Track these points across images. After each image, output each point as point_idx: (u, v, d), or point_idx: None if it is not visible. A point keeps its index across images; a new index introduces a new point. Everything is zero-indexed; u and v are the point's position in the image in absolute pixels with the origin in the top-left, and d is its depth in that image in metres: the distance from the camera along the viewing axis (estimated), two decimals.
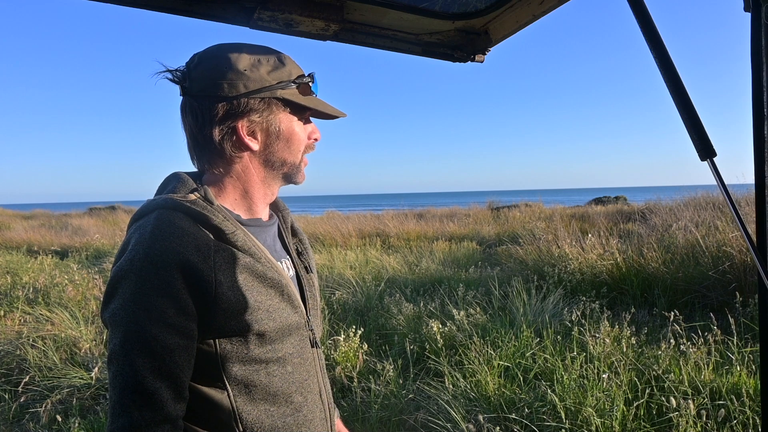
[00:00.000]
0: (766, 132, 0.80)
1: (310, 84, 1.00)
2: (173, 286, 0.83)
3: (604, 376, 3.11)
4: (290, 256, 1.11)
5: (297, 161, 1.03)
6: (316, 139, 1.06)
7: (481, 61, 1.41)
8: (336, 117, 1.06)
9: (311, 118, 1.06)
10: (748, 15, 0.81)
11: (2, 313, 5.81)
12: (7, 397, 3.88)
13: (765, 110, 0.79)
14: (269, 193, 1.05)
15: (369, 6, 1.16)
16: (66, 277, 7.06)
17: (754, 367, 3.32)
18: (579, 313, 4.36)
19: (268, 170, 1.01)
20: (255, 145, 0.97)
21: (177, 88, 0.98)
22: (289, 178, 1.05)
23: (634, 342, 3.83)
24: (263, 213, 1.06)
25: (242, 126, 0.95)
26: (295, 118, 1.01)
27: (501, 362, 3.62)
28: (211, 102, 0.93)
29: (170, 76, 0.96)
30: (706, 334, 3.72)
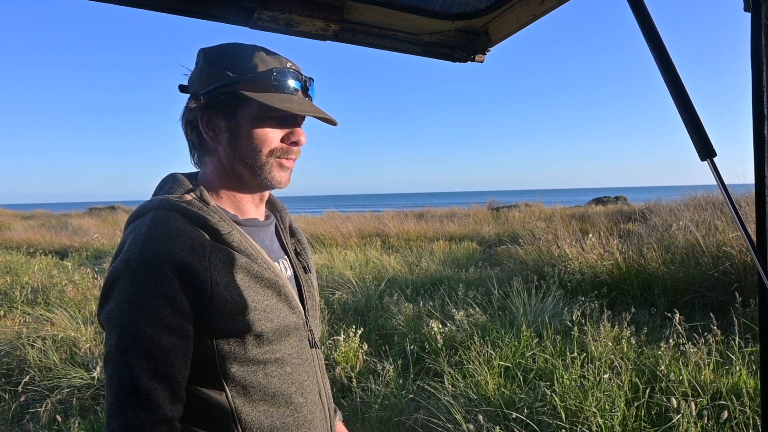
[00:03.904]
0: (766, 132, 0.80)
1: (271, 79, 0.93)
2: (168, 287, 0.83)
3: (605, 376, 3.11)
4: (288, 257, 1.11)
5: (258, 163, 0.96)
6: (295, 143, 0.99)
7: (481, 61, 1.41)
8: (287, 113, 0.95)
9: (303, 123, 1.01)
10: (748, 15, 0.81)
11: (2, 313, 5.80)
12: (7, 397, 3.88)
13: (765, 110, 0.79)
14: (252, 192, 1.03)
15: (369, 6, 1.16)
16: (65, 277, 7.06)
17: (754, 367, 3.32)
18: (579, 313, 4.36)
19: (241, 169, 0.98)
20: (216, 142, 0.98)
21: (175, 90, 1.00)
22: (257, 180, 0.98)
23: (635, 342, 3.83)
24: (257, 213, 1.06)
25: (203, 121, 0.96)
26: (260, 117, 0.94)
27: (501, 362, 3.62)
28: (189, 98, 0.98)
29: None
30: (706, 334, 3.71)
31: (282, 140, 0.98)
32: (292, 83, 0.95)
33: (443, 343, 4.19)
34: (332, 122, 0.98)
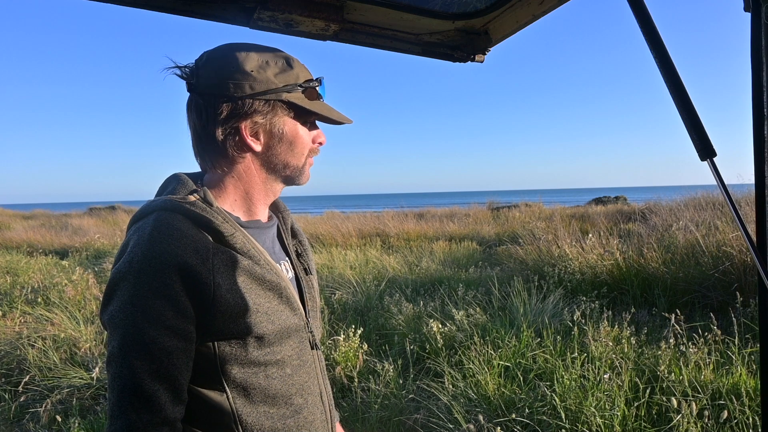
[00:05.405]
0: (766, 132, 0.80)
1: (317, 88, 1.00)
2: (171, 288, 0.83)
3: (605, 376, 3.11)
4: (289, 258, 1.11)
5: (300, 164, 1.03)
6: (320, 143, 1.06)
7: (481, 61, 1.41)
8: (341, 123, 1.05)
9: (317, 122, 1.06)
10: (748, 15, 0.81)
11: (2, 313, 5.81)
12: (7, 397, 3.88)
13: (765, 110, 0.79)
14: (270, 194, 1.05)
15: (369, 6, 1.16)
16: (65, 277, 7.06)
17: (754, 367, 3.32)
18: (579, 313, 4.36)
19: (269, 172, 1.01)
20: (257, 147, 0.97)
21: (181, 89, 0.98)
22: (291, 181, 1.05)
23: (635, 342, 3.83)
24: (263, 214, 1.05)
25: (245, 127, 0.95)
26: (300, 122, 1.01)
27: (501, 362, 3.62)
28: (216, 101, 0.93)
29: (179, 72, 0.96)
30: (706, 334, 3.71)
31: (312, 141, 1.05)
32: (320, 90, 1.02)
33: (443, 343, 4.19)
34: (349, 122, 1.07)
